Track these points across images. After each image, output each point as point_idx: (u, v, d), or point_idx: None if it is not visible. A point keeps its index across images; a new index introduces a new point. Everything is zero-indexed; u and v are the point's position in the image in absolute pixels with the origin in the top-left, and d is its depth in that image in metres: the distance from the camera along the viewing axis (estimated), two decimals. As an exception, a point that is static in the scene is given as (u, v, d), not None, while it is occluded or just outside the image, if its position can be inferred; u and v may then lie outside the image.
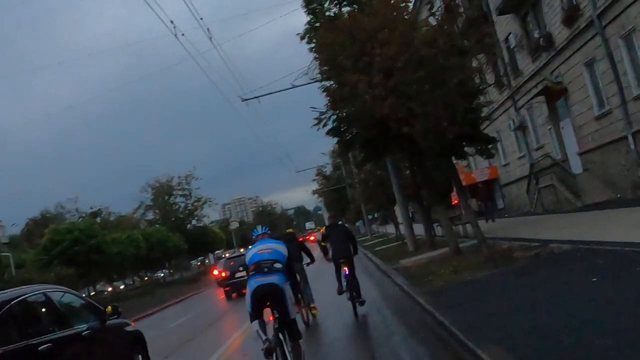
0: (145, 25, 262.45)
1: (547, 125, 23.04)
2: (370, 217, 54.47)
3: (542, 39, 21.04)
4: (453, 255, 14.23)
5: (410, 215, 48.74)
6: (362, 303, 10.24)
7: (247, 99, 19.64)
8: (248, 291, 5.91)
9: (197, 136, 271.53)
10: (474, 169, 32.53)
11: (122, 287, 46.25)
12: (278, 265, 6.02)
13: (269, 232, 6.93)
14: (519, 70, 24.30)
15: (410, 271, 13.50)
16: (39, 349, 5.12)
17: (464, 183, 32.84)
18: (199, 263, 75.96)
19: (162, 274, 57.58)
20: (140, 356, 7.65)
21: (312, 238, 63.96)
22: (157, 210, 57.36)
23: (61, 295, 6.48)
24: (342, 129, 15.75)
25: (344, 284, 10.45)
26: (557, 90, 20.64)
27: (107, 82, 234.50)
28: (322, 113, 15.86)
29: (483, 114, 15.50)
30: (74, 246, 30.79)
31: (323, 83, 14.91)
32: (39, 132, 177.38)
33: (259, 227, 6.94)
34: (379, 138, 14.54)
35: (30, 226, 58.07)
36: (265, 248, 6.28)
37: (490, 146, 15.69)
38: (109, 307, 7.13)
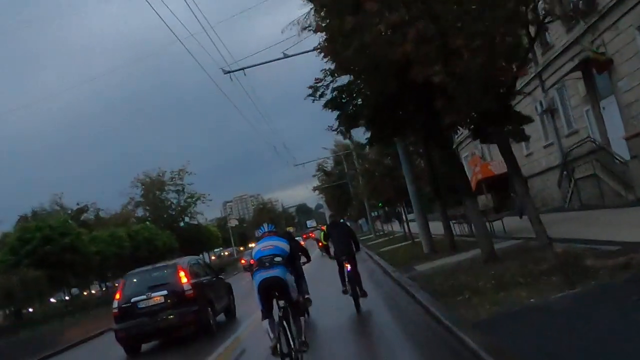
0: (139, 20, 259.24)
1: (584, 106, 19.70)
2: (374, 214, 51.13)
3: (581, 1, 17.67)
4: (487, 260, 10.96)
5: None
6: (365, 294, 10.60)
7: (230, 72, 16.33)
8: (254, 285, 6.61)
9: (197, 132, 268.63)
10: (490, 159, 29.09)
11: (103, 289, 42.76)
12: (278, 259, 6.65)
13: (274, 229, 7.48)
14: (549, 43, 20.97)
15: (433, 283, 10.21)
16: (203, 282, 12.15)
17: (479, 176, 29.65)
18: None
19: None
20: (231, 295, 14.28)
21: (312, 235, 60.86)
22: (147, 207, 54.05)
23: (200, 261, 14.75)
24: (343, 100, 12.46)
25: (347, 282, 10.75)
26: (600, 62, 17.29)
27: (103, 79, 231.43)
28: (318, 80, 12.57)
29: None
30: (44, 245, 27.55)
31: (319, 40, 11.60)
32: (29, 124, 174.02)
33: (265, 225, 7.56)
34: (390, 109, 11.30)
35: (21, 223, 54.82)
36: (267, 245, 6.90)
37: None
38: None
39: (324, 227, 19.39)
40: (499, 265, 10.12)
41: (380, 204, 33.27)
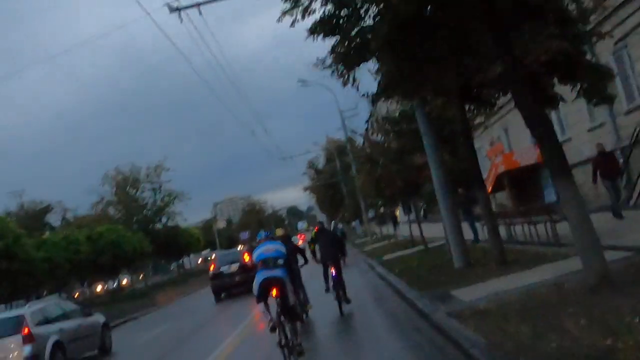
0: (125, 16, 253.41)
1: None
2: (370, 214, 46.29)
3: None
4: (597, 288, 6.15)
5: (421, 212, 40.33)
6: (349, 301, 10.99)
7: (178, 9, 11.35)
8: (256, 281, 7.33)
9: (187, 133, 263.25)
10: (514, 149, 24.16)
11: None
12: (280, 262, 7.62)
13: (270, 235, 8.74)
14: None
15: (514, 334, 5.31)
16: None
17: (502, 168, 24.81)
18: (177, 267, 66.88)
19: (114, 284, 48.59)
20: None
21: (302, 237, 55.91)
22: (118, 207, 48.70)
23: None
24: (343, 19, 7.54)
25: (331, 284, 11.22)
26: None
27: (95, 77, 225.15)
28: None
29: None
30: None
31: None
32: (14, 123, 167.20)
33: (262, 232, 8.83)
34: (419, 34, 6.66)
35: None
36: (269, 248, 7.74)
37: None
38: None
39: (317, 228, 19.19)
40: (628, 299, 5.31)
41: (379, 203, 28.39)
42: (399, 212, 51.86)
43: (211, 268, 21.86)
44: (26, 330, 10.74)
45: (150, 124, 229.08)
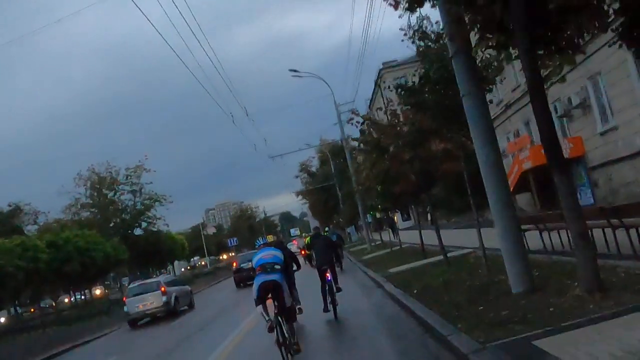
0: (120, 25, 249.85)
1: None
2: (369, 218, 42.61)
3: None
4: None
5: (412, 216, 36.67)
6: (339, 290, 11.78)
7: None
8: (255, 285, 7.83)
9: (180, 138, 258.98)
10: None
11: (1, 319, 33.18)
12: (277, 267, 8.01)
13: (267, 242, 9.24)
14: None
15: None
16: None
17: (528, 164, 21.19)
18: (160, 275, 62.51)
19: (85, 295, 44.22)
20: None
21: (295, 242, 52.39)
22: (92, 209, 44.64)
23: None
24: None
25: (328, 301, 11.14)
26: None
27: (88, 83, 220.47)
28: None
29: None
30: None
31: None
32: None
33: (260, 238, 9.42)
34: None
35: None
36: (267, 254, 8.22)
37: None
38: None
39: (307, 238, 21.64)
40: None
41: (379, 206, 24.71)
42: (396, 218, 48.30)
43: (234, 265, 32.13)
44: (163, 288, 20.74)
45: (137, 128, 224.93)
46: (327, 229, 49.22)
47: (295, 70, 32.64)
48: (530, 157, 19.81)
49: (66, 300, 46.08)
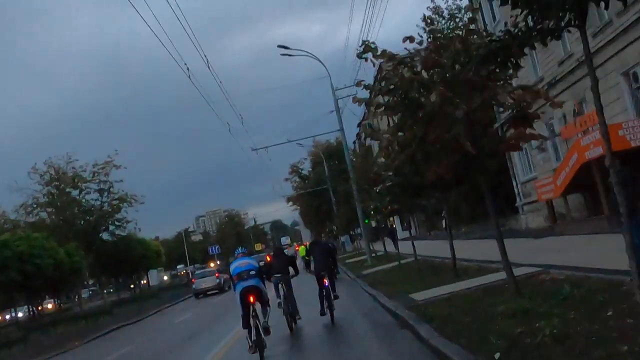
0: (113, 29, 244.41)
1: None
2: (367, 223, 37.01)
3: None
4: None
5: (443, 224, 31.41)
6: (337, 297, 11.87)
7: None
8: (236, 292, 9.13)
9: (173, 145, 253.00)
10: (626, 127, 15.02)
11: None
12: (252, 272, 9.27)
13: (245, 251, 10.02)
14: None
15: None
16: None
17: (594, 153, 15.76)
18: (130, 285, 56.16)
19: (27, 311, 38.07)
20: None
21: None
22: (49, 209, 38.81)
23: None
24: None
25: (325, 305, 11.23)
26: None
27: (78, 88, 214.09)
28: None
29: None
30: None
31: None
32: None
33: (240, 249, 10.24)
34: None
35: None
36: (243, 263, 9.43)
37: None
38: None
39: (298, 246, 25.56)
40: None
41: (390, 201, 19.32)
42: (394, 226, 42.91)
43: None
44: (217, 274, 33.71)
45: (129, 134, 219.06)
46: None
47: (285, 47, 27.45)
48: (600, 142, 14.60)
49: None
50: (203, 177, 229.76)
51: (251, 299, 8.85)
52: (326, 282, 11.29)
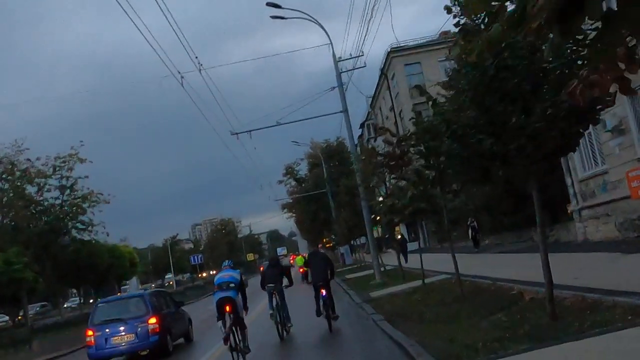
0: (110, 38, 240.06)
1: None
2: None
3: None
4: None
5: (470, 236, 25.85)
6: (336, 318, 11.56)
7: None
8: (214, 300, 9.87)
9: (171, 154, 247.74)
10: None
11: None
12: (232, 285, 9.81)
13: (231, 264, 10.61)
14: None
15: None
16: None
17: None
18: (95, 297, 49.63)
19: None
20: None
21: None
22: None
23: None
24: None
25: (322, 305, 11.54)
26: None
27: (73, 95, 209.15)
28: None
29: None
30: None
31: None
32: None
33: (226, 261, 10.81)
34: None
35: None
36: (225, 274, 10.06)
37: None
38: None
39: (294, 257, 23.62)
40: None
41: (399, 204, 13.56)
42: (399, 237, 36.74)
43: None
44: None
45: (123, 140, 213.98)
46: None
47: (275, 6, 21.75)
48: None
49: None
50: (202, 185, 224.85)
51: (227, 308, 9.51)
52: (324, 292, 11.43)
